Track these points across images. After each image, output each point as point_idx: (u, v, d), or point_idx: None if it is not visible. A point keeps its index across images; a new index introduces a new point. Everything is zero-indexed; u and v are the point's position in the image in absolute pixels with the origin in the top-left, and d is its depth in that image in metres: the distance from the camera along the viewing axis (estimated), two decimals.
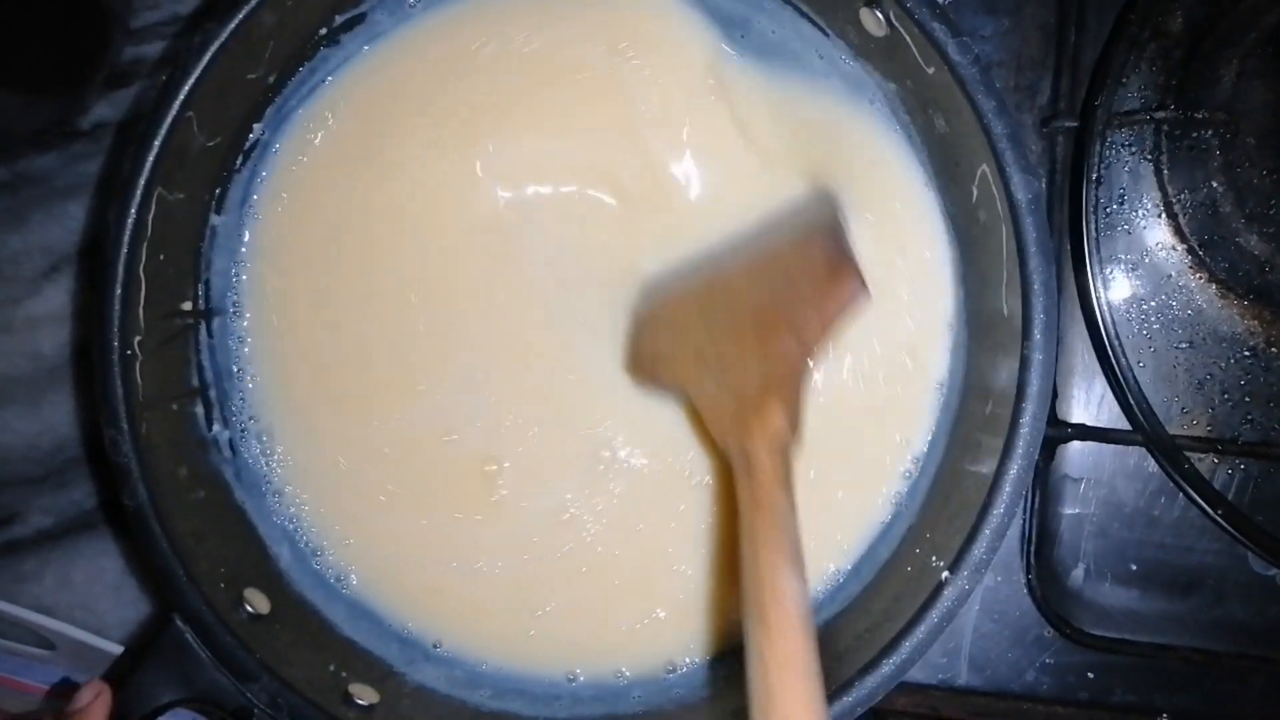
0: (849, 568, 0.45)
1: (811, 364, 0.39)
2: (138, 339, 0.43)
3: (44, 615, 0.54)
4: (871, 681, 0.39)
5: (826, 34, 0.46)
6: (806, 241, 0.43)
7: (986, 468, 0.40)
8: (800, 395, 0.38)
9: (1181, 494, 0.50)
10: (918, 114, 0.44)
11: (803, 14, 0.46)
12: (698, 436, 0.45)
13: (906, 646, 0.39)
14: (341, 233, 0.48)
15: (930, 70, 0.41)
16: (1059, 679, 0.51)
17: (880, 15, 0.42)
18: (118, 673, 0.53)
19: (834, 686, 0.39)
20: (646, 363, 0.44)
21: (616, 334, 0.46)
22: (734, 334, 0.41)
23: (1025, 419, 0.39)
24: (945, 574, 0.39)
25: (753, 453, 0.36)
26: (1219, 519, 0.47)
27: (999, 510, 0.39)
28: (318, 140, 0.49)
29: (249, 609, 0.43)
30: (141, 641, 0.54)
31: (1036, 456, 0.39)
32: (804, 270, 0.41)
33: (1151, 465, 0.51)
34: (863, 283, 0.40)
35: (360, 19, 0.48)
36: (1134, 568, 0.52)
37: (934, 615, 0.39)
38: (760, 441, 0.36)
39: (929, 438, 0.46)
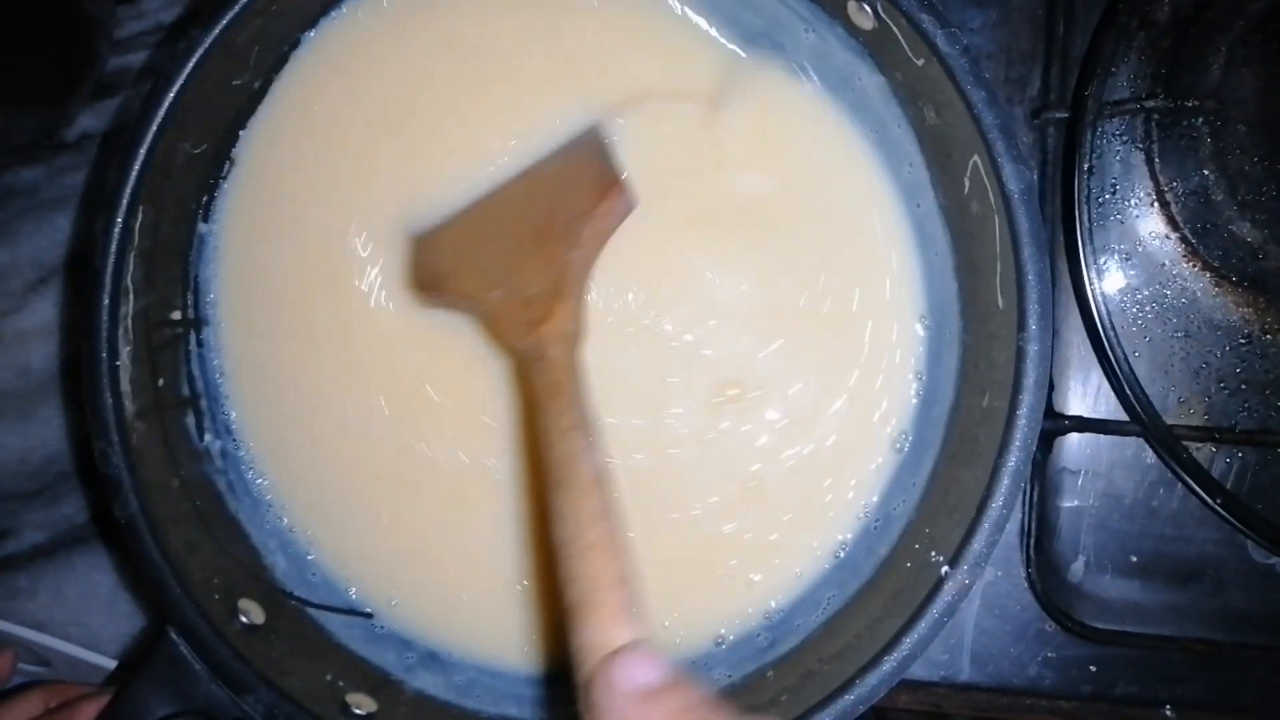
0: (844, 553, 0.46)
1: (589, 267, 0.42)
2: (127, 350, 0.43)
3: (38, 631, 0.54)
4: (873, 679, 0.38)
5: (813, 28, 0.46)
6: (578, 160, 0.45)
7: (984, 461, 0.39)
8: (581, 298, 0.41)
9: (1180, 484, 0.49)
10: (908, 106, 0.44)
11: (789, 6, 0.46)
12: (491, 345, 0.46)
13: (908, 643, 0.38)
14: (320, 238, 0.48)
15: (920, 62, 0.41)
16: (1061, 673, 0.51)
17: (868, 8, 0.42)
18: (113, 686, 0.53)
19: (835, 685, 0.39)
20: (431, 280, 0.45)
21: None
22: (516, 246, 0.43)
23: (1022, 411, 0.39)
24: (945, 569, 0.39)
25: (546, 348, 0.39)
26: (1218, 508, 0.47)
27: (998, 503, 0.38)
28: (301, 145, 0.48)
29: (244, 620, 0.43)
30: (136, 655, 0.54)
31: (1034, 449, 0.39)
32: (577, 186, 0.44)
33: (1149, 456, 0.51)
34: (627, 192, 0.43)
35: (340, 22, 0.47)
36: (1134, 559, 0.51)
37: (935, 610, 0.38)
38: (552, 338, 0.39)
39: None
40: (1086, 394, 0.52)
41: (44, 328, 0.58)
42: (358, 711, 0.43)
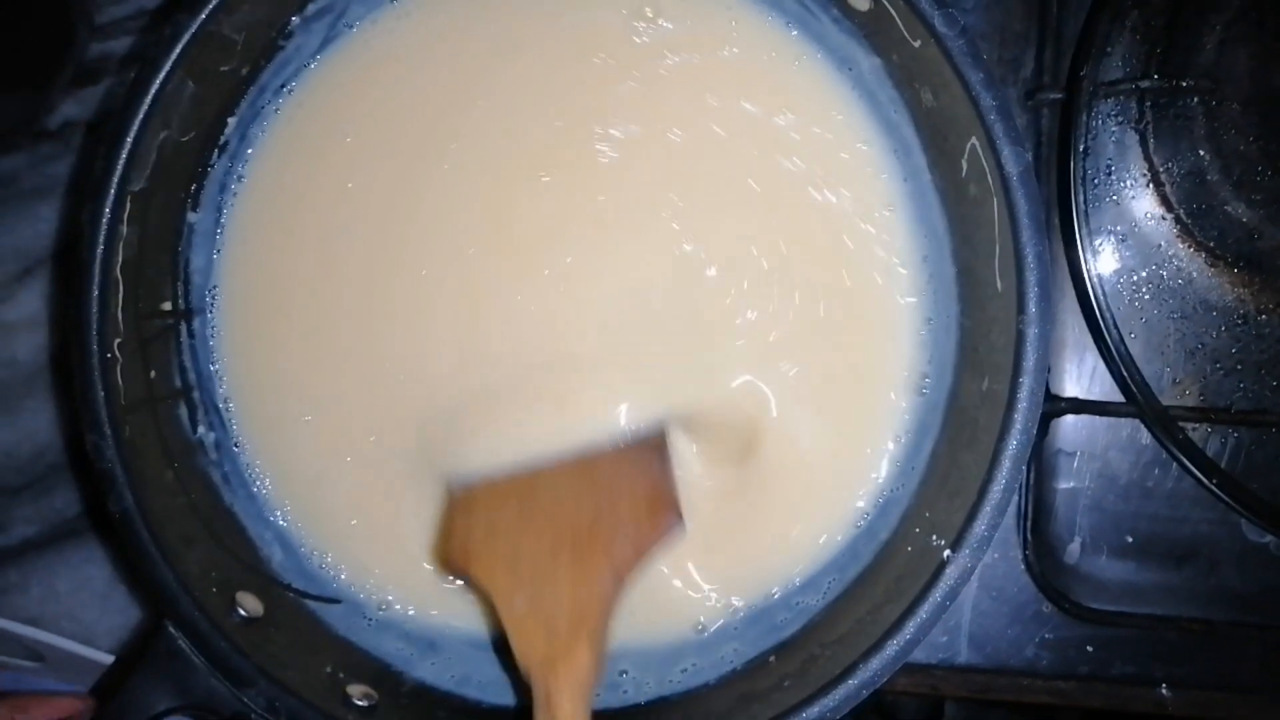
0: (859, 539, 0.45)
1: (621, 595, 0.40)
2: (117, 341, 0.42)
3: (31, 626, 0.53)
4: (876, 664, 0.38)
5: (808, 8, 0.45)
6: (631, 461, 0.43)
7: (985, 444, 0.40)
8: (607, 629, 0.39)
9: (1175, 465, 0.49)
10: (905, 88, 0.44)
11: None
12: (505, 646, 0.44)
13: (910, 627, 0.38)
14: (316, 225, 0.47)
15: (916, 44, 0.41)
16: (1058, 654, 0.51)
17: None
18: (110, 682, 0.52)
19: (838, 670, 0.39)
20: (457, 553, 0.42)
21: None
22: (551, 548, 0.41)
23: (1022, 394, 0.39)
24: (947, 553, 0.39)
25: (555, 695, 0.37)
26: (1214, 488, 0.47)
27: (999, 487, 0.38)
28: (291, 132, 0.48)
29: (242, 612, 0.43)
30: (133, 650, 0.53)
31: (1035, 431, 0.39)
32: (626, 492, 0.42)
33: (1144, 437, 0.51)
34: (679, 516, 0.42)
35: (332, 7, 0.47)
36: (1129, 540, 0.52)
37: (937, 594, 0.38)
38: (565, 684, 0.37)
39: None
40: (1082, 375, 0.52)
41: (30, 319, 0.57)
42: (359, 703, 0.43)
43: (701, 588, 0.46)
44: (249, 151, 0.47)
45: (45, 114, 0.57)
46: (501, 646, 0.46)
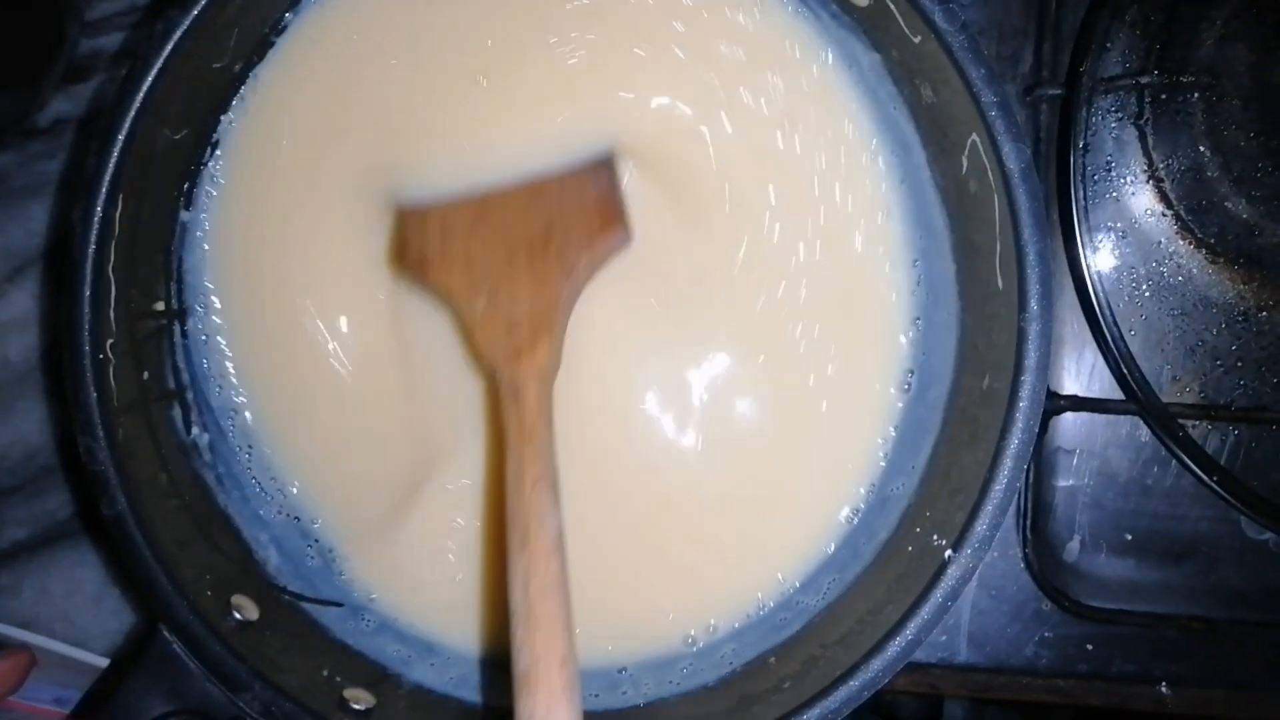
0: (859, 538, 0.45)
1: (575, 298, 0.42)
2: (110, 342, 0.41)
3: (23, 630, 0.53)
4: (878, 664, 0.38)
5: (807, 3, 0.45)
6: (582, 177, 0.45)
7: (986, 443, 0.39)
8: (562, 329, 0.42)
9: (1174, 462, 0.49)
10: (904, 84, 0.43)
11: None
12: (463, 349, 0.46)
13: (912, 627, 0.38)
14: (309, 224, 0.47)
15: (917, 39, 0.40)
16: (1058, 652, 0.51)
17: None
18: (104, 687, 0.52)
19: (839, 671, 0.39)
20: (414, 260, 0.44)
21: None
22: (509, 254, 0.43)
23: (1024, 392, 0.38)
24: (949, 553, 0.38)
25: (522, 384, 0.40)
26: (1214, 485, 0.47)
27: (1000, 486, 0.38)
28: (285, 130, 0.47)
29: (238, 616, 0.42)
30: (127, 653, 0.53)
31: (1036, 430, 0.38)
32: (575, 206, 0.44)
33: (1143, 434, 0.51)
34: (627, 227, 0.44)
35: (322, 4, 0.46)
36: (1129, 537, 0.52)
37: (938, 594, 0.38)
38: (529, 374, 0.40)
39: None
40: (1081, 372, 0.51)
41: (21, 319, 0.56)
42: (356, 707, 0.42)
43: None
44: (241, 149, 0.47)
45: (36, 111, 0.56)
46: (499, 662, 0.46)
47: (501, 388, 0.40)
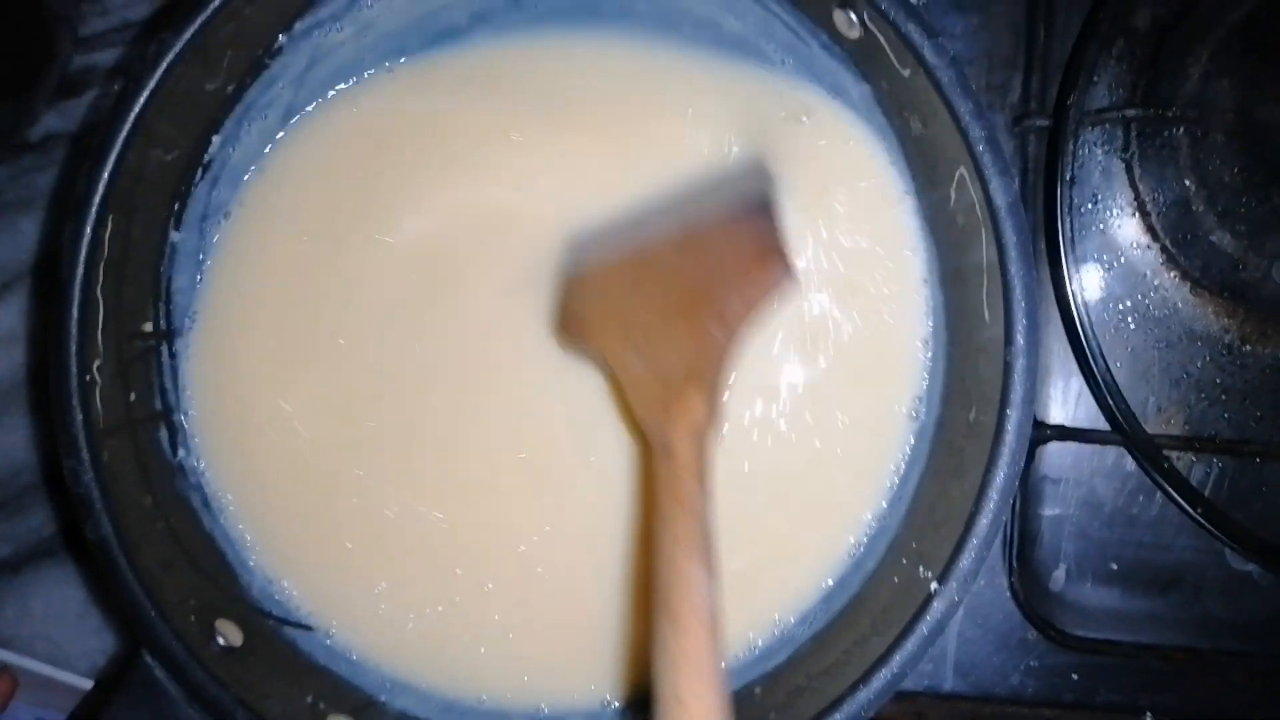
0: (834, 580, 0.45)
1: (734, 348, 0.40)
2: (97, 363, 0.41)
3: (3, 649, 0.52)
4: (863, 696, 0.38)
5: (798, 34, 0.45)
6: (737, 217, 0.43)
7: (972, 475, 0.39)
8: (721, 382, 0.39)
9: (1159, 492, 0.50)
10: (893, 116, 0.44)
11: (773, 14, 0.45)
12: (619, 411, 0.45)
13: (897, 660, 0.38)
14: (300, 249, 0.47)
15: (905, 73, 0.41)
16: (1043, 681, 0.51)
17: (854, 16, 0.41)
18: (86, 710, 0.52)
19: (825, 703, 0.39)
20: (574, 326, 0.43)
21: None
22: (662, 311, 0.41)
23: (1010, 425, 0.38)
24: (934, 585, 0.38)
25: (673, 441, 0.37)
26: (1199, 517, 0.47)
27: (986, 520, 0.38)
28: (276, 153, 0.47)
29: (221, 641, 0.42)
30: (109, 677, 0.52)
31: (1022, 464, 0.38)
32: (733, 249, 0.42)
33: (1129, 464, 0.51)
34: (789, 269, 0.41)
35: (320, 25, 0.46)
36: (1114, 567, 0.52)
37: (924, 628, 0.38)
38: (681, 430, 0.37)
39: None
40: (1067, 401, 0.52)
41: (7, 335, 0.56)
42: None
43: None
44: (232, 171, 0.47)
45: (27, 126, 0.56)
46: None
47: (654, 447, 0.38)
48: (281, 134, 0.47)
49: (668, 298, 0.41)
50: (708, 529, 0.34)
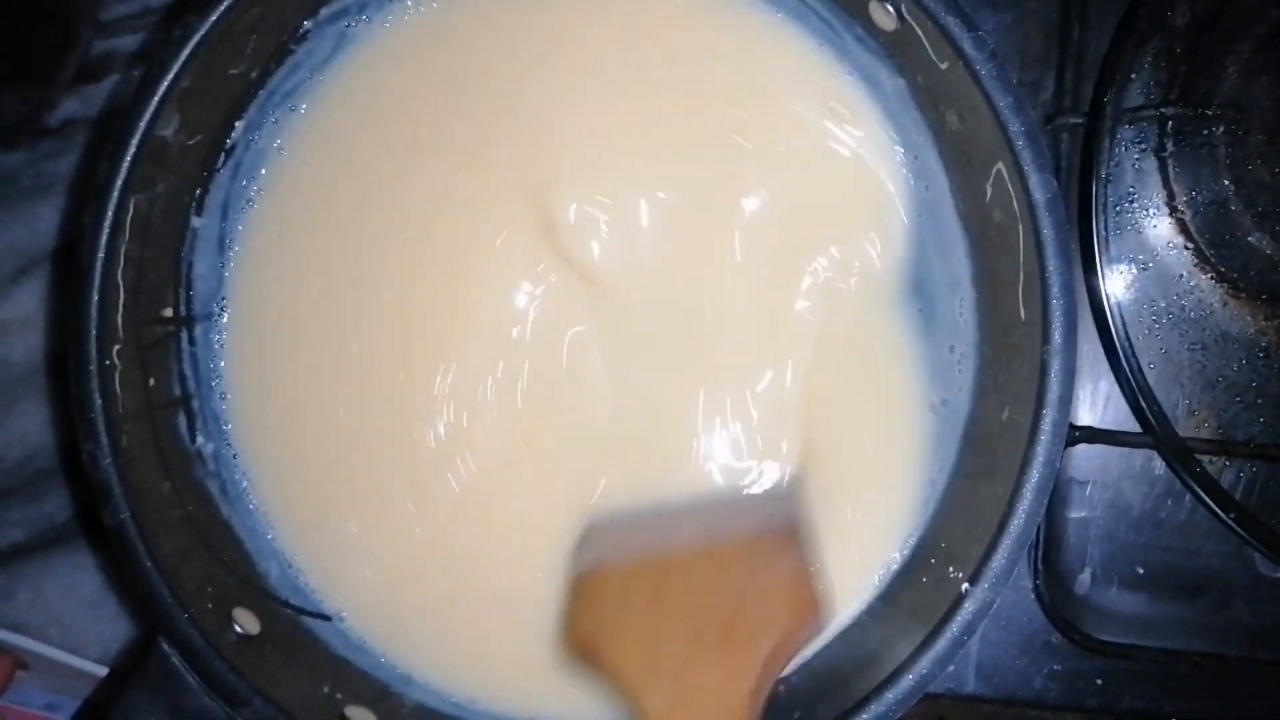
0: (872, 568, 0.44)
1: (766, 695, 0.37)
2: (116, 348, 0.41)
3: (17, 634, 0.52)
4: (890, 698, 0.37)
5: (833, 26, 0.44)
6: (769, 543, 0.41)
7: (1004, 476, 0.39)
8: None
9: (1189, 496, 0.49)
10: (929, 110, 0.43)
11: (809, 5, 0.45)
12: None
13: (926, 661, 0.37)
14: (324, 235, 0.47)
15: (944, 66, 0.40)
16: (1067, 686, 0.50)
17: (891, 9, 0.41)
18: (102, 697, 0.51)
19: (851, 702, 0.38)
20: (585, 640, 0.39)
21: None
22: (690, 637, 0.37)
23: (1046, 425, 0.38)
24: (965, 585, 0.38)
25: None
26: (1230, 522, 0.47)
27: (1019, 520, 0.37)
28: (300, 139, 0.47)
29: (238, 629, 0.42)
30: (126, 663, 0.52)
31: (1058, 464, 0.38)
32: (765, 584, 0.39)
33: (1158, 467, 0.50)
34: (820, 611, 0.39)
35: (346, 11, 0.46)
36: (1141, 571, 0.51)
37: (954, 628, 0.37)
38: None
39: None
40: (1095, 402, 0.51)
41: (25, 319, 0.56)
42: None
43: None
44: (255, 156, 0.46)
45: (46, 111, 0.56)
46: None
47: None
48: (304, 115, 0.47)
49: (698, 621, 0.38)
50: None
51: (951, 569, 0.39)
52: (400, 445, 0.45)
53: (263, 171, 0.47)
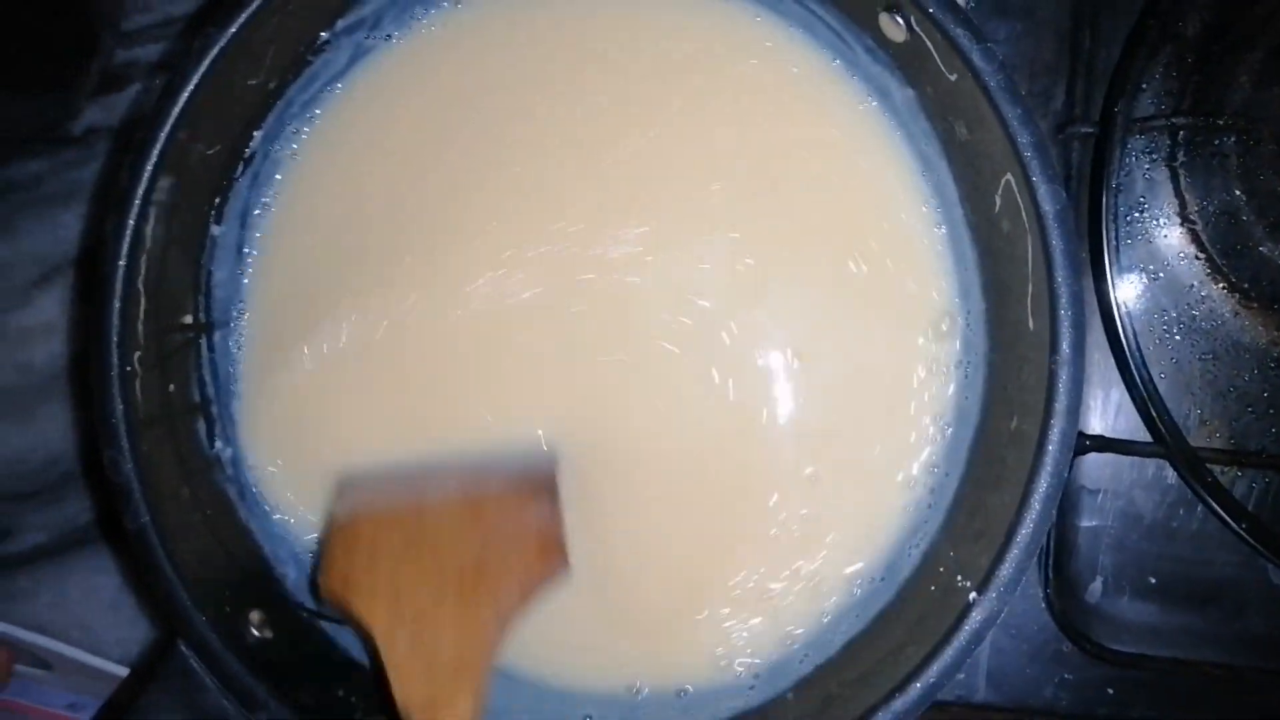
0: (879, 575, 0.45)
1: (504, 636, 0.39)
2: (137, 355, 0.42)
3: (38, 634, 0.53)
4: (898, 706, 0.38)
5: (842, 37, 0.45)
6: (521, 498, 0.43)
7: (1013, 485, 0.39)
8: (488, 676, 0.38)
9: (1200, 505, 0.49)
10: (938, 121, 0.43)
11: (817, 16, 0.45)
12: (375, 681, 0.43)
13: (934, 670, 0.37)
14: (342, 243, 0.47)
15: (953, 77, 0.40)
16: (1078, 695, 0.50)
17: (900, 20, 0.41)
18: (121, 698, 0.52)
19: (858, 712, 0.38)
20: (336, 583, 0.41)
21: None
22: (436, 585, 0.40)
23: (1053, 435, 0.38)
24: (973, 595, 0.38)
25: None
26: (1242, 533, 0.46)
27: (1028, 530, 0.38)
28: (318, 148, 0.48)
29: (255, 633, 0.42)
30: (145, 665, 0.53)
31: (1066, 474, 0.38)
32: (514, 532, 0.41)
33: (1170, 476, 0.50)
34: (566, 559, 0.42)
35: (362, 23, 0.46)
36: (1152, 580, 0.51)
37: (962, 638, 0.38)
38: None
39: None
40: (1107, 411, 0.51)
41: (47, 325, 0.57)
42: None
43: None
44: (273, 165, 0.47)
45: (69, 119, 0.57)
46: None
47: None
48: (320, 124, 0.48)
49: (443, 570, 0.40)
50: None
51: (960, 578, 0.39)
52: (421, 449, 0.46)
53: (279, 178, 0.47)
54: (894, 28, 0.41)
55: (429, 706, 0.37)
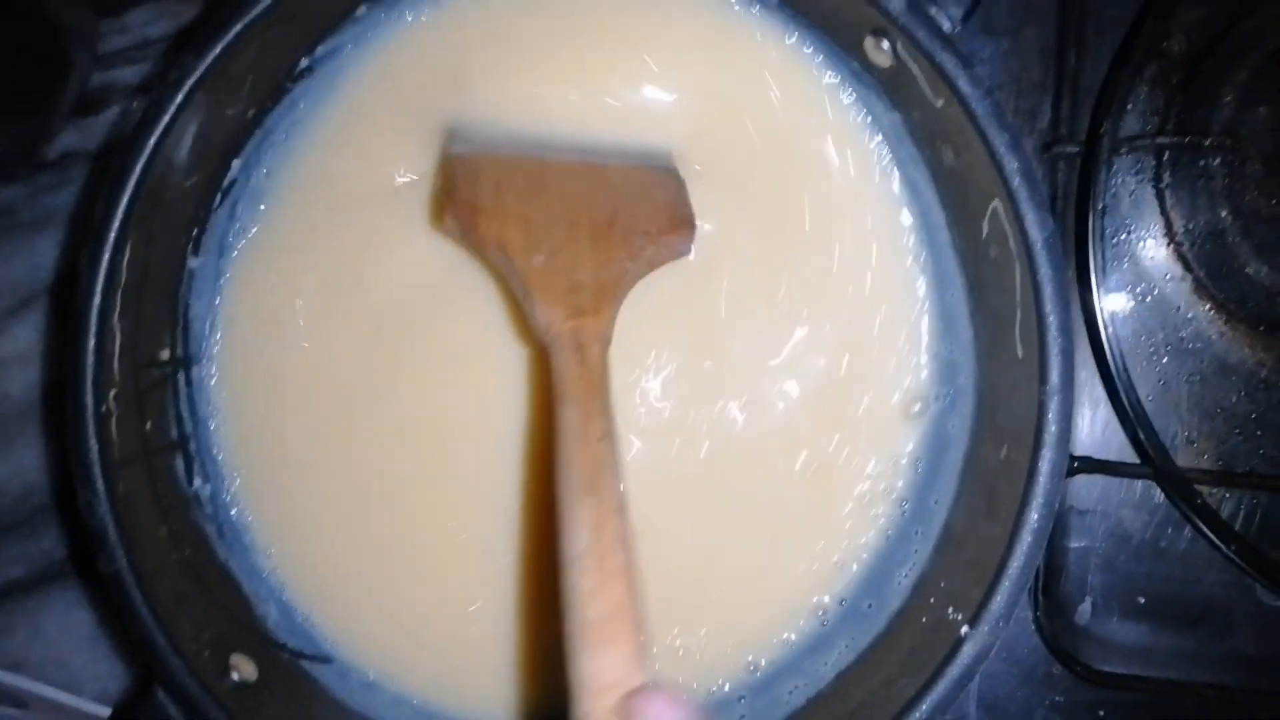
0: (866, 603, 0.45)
1: (630, 289, 0.40)
2: (113, 393, 0.41)
3: (14, 673, 0.52)
4: None
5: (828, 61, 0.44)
6: (656, 181, 0.43)
7: (1004, 515, 0.38)
8: (618, 308, 0.39)
9: (1189, 525, 0.49)
10: (925, 146, 0.43)
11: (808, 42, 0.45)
12: (508, 309, 0.44)
13: (926, 704, 0.37)
14: (318, 272, 0.46)
15: (939, 103, 0.40)
16: (1069, 717, 0.50)
17: (886, 45, 0.40)
18: None
19: None
20: (463, 206, 0.40)
21: None
22: (568, 224, 0.40)
23: (1044, 465, 0.38)
24: (965, 628, 0.38)
25: (587, 342, 0.37)
26: (1230, 554, 0.46)
27: (1019, 562, 0.37)
28: (296, 177, 0.47)
29: (236, 676, 0.41)
30: (123, 707, 0.52)
31: (1056, 504, 0.38)
32: (648, 205, 0.42)
33: (1158, 496, 0.50)
34: (693, 233, 0.42)
35: (339, 51, 0.46)
36: (1141, 601, 0.51)
37: (954, 671, 0.37)
38: (594, 335, 0.37)
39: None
40: (1094, 430, 0.51)
41: (23, 354, 0.56)
42: None
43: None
44: (251, 196, 0.46)
45: (44, 144, 0.56)
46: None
47: (560, 344, 0.37)
48: (300, 154, 0.47)
49: (575, 214, 0.41)
50: (615, 422, 0.35)
51: (950, 610, 0.39)
52: (399, 486, 0.45)
53: (261, 208, 0.47)
54: (880, 53, 0.41)
55: (576, 314, 0.38)
